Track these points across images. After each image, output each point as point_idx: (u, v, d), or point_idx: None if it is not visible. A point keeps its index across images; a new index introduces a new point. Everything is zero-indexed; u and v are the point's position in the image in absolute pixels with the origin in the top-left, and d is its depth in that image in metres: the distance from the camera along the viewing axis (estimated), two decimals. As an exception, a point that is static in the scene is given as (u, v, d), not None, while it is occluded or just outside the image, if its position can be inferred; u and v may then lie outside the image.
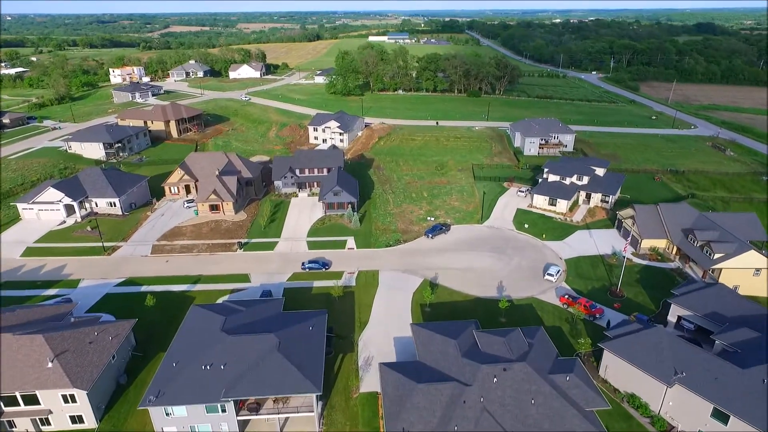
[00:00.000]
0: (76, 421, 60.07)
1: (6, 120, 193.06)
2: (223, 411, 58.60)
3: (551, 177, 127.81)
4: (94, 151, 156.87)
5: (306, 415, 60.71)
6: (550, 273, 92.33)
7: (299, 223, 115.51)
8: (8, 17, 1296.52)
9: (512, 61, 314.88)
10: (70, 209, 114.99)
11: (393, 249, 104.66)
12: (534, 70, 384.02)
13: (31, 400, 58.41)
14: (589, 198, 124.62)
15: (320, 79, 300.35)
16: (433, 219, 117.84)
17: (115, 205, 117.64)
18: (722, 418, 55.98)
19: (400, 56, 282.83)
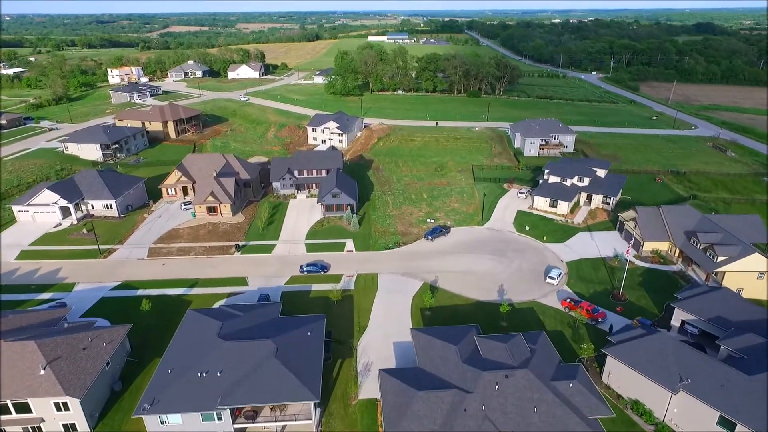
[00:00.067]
0: (68, 429, 58.79)
1: (3, 121, 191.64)
2: (219, 419, 57.53)
3: (552, 178, 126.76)
4: (91, 152, 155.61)
5: (304, 423, 59.67)
6: (552, 276, 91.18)
7: (298, 226, 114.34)
8: (7, 17, 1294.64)
9: (512, 61, 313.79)
10: (65, 211, 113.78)
11: (392, 251, 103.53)
12: (534, 70, 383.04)
13: (23, 408, 57.14)
14: (590, 199, 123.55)
15: (319, 80, 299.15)
16: (432, 221, 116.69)
17: (112, 207, 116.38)
18: (729, 426, 54.87)
19: (400, 56, 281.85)
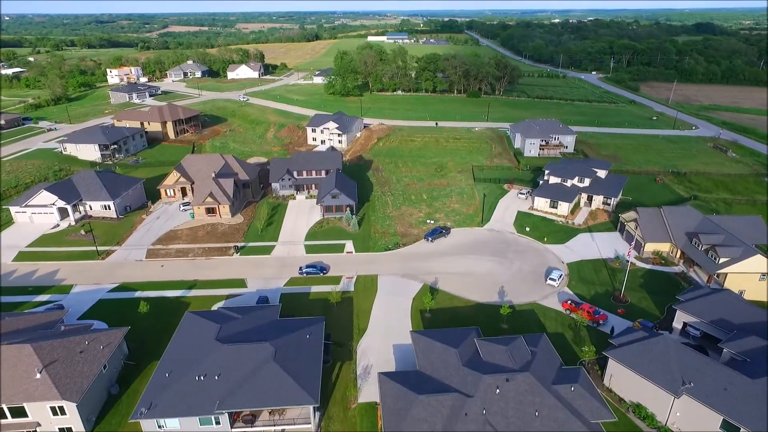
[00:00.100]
0: (65, 433, 58.27)
1: (1, 121, 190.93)
2: (218, 423, 57.02)
3: (552, 179, 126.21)
4: (89, 152, 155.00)
5: (303, 427, 59.12)
6: (552, 277, 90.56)
7: (297, 227, 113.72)
8: (6, 17, 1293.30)
9: (512, 62, 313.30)
10: (63, 212, 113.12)
11: (392, 253, 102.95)
12: (534, 71, 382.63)
13: (19, 412, 56.52)
14: (590, 200, 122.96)
15: (319, 80, 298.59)
16: (432, 222, 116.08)
17: (110, 208, 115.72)
18: (732, 430, 54.26)
19: (399, 56, 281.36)
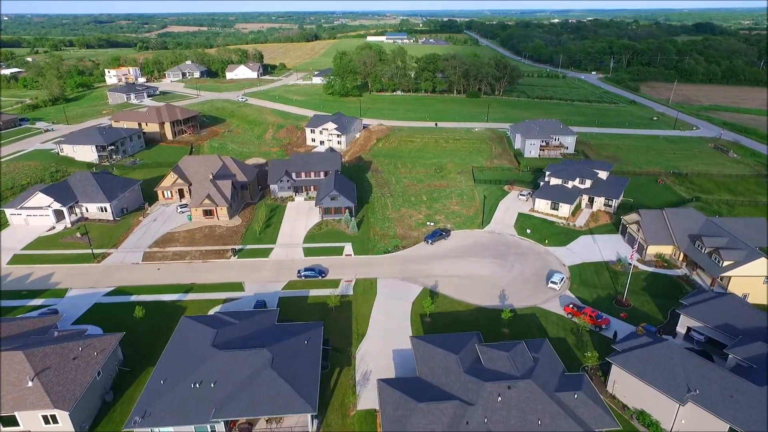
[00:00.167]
0: (58, 442, 57.09)
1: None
2: (213, 432, 55.84)
3: (553, 180, 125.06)
4: (86, 153, 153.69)
5: (300, 435, 57.94)
6: (554, 281, 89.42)
7: (295, 229, 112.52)
8: (5, 17, 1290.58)
9: (511, 62, 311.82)
10: (59, 215, 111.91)
11: (392, 255, 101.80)
12: (533, 71, 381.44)
13: (10, 421, 55.36)
14: (592, 202, 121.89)
15: (318, 80, 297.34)
16: (432, 224, 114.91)
17: (106, 210, 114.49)
18: (738, 439, 53.22)
19: (399, 56, 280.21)
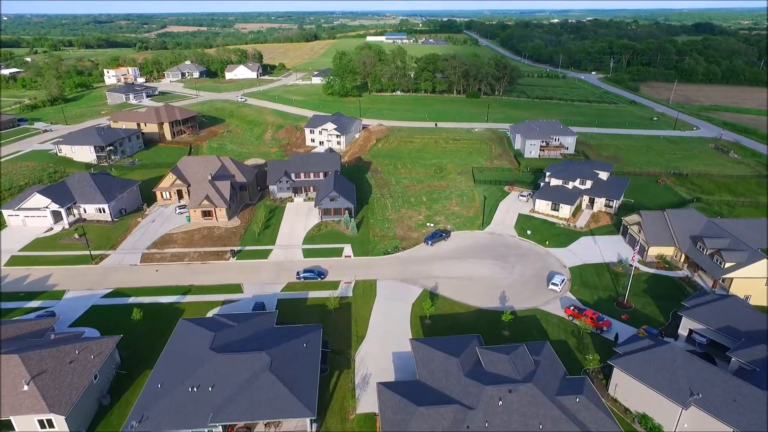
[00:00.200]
0: (54, 446, 56.47)
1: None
2: (211, 436, 55.17)
3: (553, 181, 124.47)
4: (84, 154, 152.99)
5: (299, 440, 57.37)
6: (555, 282, 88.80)
7: (294, 230, 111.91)
8: (5, 17, 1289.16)
9: (511, 62, 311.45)
10: (57, 216, 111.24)
11: (391, 257, 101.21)
12: (533, 71, 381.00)
13: (5, 426, 54.72)
14: (592, 203, 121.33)
15: (317, 80, 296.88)
16: (432, 225, 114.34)
17: (104, 211, 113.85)
18: (742, 443, 52.63)
19: (398, 57, 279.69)
